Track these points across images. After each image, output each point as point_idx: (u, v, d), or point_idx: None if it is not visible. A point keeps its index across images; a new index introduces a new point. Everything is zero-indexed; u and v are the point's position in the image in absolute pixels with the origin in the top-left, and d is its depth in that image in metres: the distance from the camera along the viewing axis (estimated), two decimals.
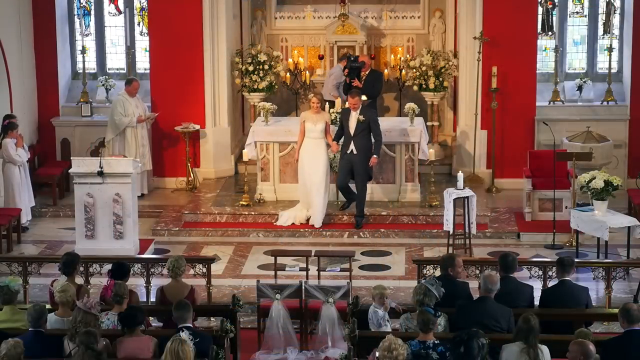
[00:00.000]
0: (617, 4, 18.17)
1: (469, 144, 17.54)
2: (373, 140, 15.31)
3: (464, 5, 17.44)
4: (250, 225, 15.73)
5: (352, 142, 15.27)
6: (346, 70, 17.36)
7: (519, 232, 15.49)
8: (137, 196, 14.90)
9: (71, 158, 15.17)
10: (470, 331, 8.40)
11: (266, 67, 17.85)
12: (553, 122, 16.68)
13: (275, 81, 18.08)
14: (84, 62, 18.40)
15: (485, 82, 17.21)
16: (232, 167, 18.11)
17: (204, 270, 12.73)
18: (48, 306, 10.11)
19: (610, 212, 14.21)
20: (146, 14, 18.35)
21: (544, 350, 8.79)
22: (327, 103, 16.84)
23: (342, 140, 15.49)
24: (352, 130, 15.25)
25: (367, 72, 17.41)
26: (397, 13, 18.61)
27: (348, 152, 15.32)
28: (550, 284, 11.92)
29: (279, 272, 13.24)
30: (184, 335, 8.79)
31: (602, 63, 18.37)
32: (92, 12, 18.88)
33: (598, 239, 14.05)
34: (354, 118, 15.23)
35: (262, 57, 17.84)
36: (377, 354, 8.29)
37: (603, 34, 18.38)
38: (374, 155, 15.28)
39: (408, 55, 18.30)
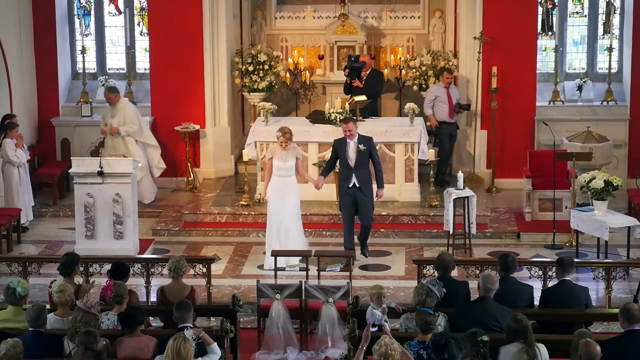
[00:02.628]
0: (617, 4, 18.17)
1: (469, 144, 17.54)
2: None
3: (464, 5, 17.45)
4: (250, 225, 15.72)
5: (353, 174, 14.06)
6: (346, 70, 17.36)
7: (519, 232, 15.49)
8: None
9: (71, 158, 15.17)
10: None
11: (266, 67, 17.85)
12: (553, 122, 16.70)
13: (275, 81, 18.08)
14: (84, 62, 18.40)
15: (485, 82, 17.21)
16: (232, 167, 18.11)
17: (204, 270, 12.74)
18: (48, 306, 10.11)
19: (610, 212, 14.21)
20: (146, 14, 18.35)
21: (542, 349, 8.79)
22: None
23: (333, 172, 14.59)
24: (352, 162, 14.06)
25: (368, 72, 17.41)
26: (397, 13, 18.60)
27: (350, 186, 14.07)
28: (550, 284, 11.92)
29: (279, 272, 13.24)
30: (187, 333, 8.81)
31: (602, 63, 18.36)
32: (92, 12, 18.88)
33: (598, 239, 14.06)
34: (352, 148, 14.05)
35: (262, 57, 17.84)
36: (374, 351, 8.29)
37: (603, 34, 18.38)
38: (380, 189, 14.22)
39: (408, 55, 18.29)
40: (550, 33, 18.46)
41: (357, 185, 14.04)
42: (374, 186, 14.30)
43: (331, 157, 14.55)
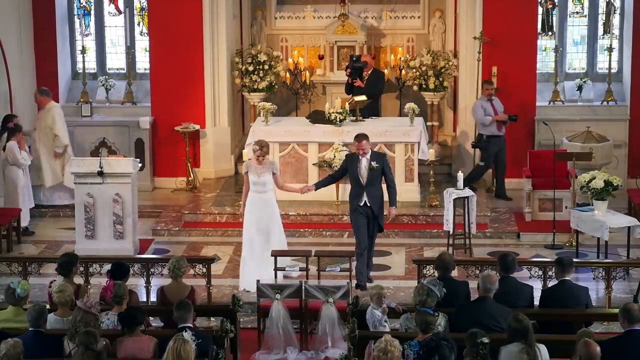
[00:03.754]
0: (617, 4, 18.17)
1: (469, 144, 17.54)
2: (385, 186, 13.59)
3: (464, 5, 17.45)
4: None
5: (364, 192, 13.32)
6: (348, 70, 17.36)
7: (519, 232, 15.49)
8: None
9: (71, 158, 15.17)
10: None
11: (266, 67, 17.85)
12: (553, 122, 16.69)
13: (275, 81, 18.08)
14: (84, 62, 18.40)
15: None
16: (232, 167, 18.11)
17: (204, 270, 12.74)
18: (47, 306, 10.10)
19: (610, 212, 14.21)
20: (146, 14, 18.35)
21: (542, 349, 8.79)
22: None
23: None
24: (363, 180, 13.31)
25: (369, 72, 17.41)
26: (397, 13, 18.61)
27: (361, 204, 13.33)
28: (550, 284, 11.92)
29: (278, 273, 13.25)
30: (186, 335, 8.81)
31: (602, 63, 18.37)
32: (92, 12, 18.88)
33: (598, 239, 14.06)
34: (364, 165, 13.30)
35: (262, 57, 17.84)
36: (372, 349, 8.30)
37: (603, 34, 18.39)
38: (393, 207, 13.51)
39: (408, 55, 18.29)
40: (550, 33, 18.46)
41: (369, 204, 13.34)
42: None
43: (337, 171, 14.08)
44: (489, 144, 16.75)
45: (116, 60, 19.02)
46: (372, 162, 13.28)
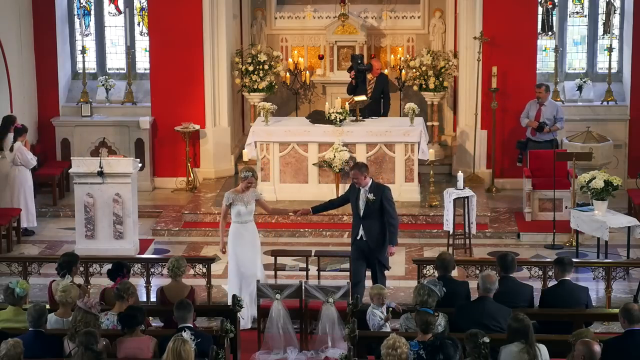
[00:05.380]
0: (617, 4, 18.18)
1: (469, 144, 17.54)
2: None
3: (464, 5, 17.45)
4: None
5: (361, 225, 12.24)
6: (352, 73, 17.28)
7: (519, 232, 15.49)
8: None
9: (71, 158, 15.18)
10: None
11: (266, 67, 17.85)
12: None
13: (275, 81, 18.08)
14: (84, 62, 18.40)
15: (485, 82, 17.21)
16: (232, 167, 18.11)
17: (204, 270, 12.74)
18: (47, 306, 10.10)
19: (610, 212, 14.21)
20: (146, 14, 18.35)
21: (542, 349, 8.79)
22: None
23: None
24: (360, 212, 12.23)
25: (375, 77, 17.33)
26: (397, 13, 18.61)
27: (358, 237, 12.30)
28: (550, 284, 11.92)
29: (279, 272, 13.24)
30: (186, 335, 8.80)
31: (602, 63, 18.37)
32: (92, 12, 18.88)
33: (598, 239, 14.06)
34: (362, 197, 12.22)
35: (262, 57, 17.84)
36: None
37: (603, 34, 18.39)
38: (391, 245, 12.27)
39: (408, 55, 18.30)
40: (550, 33, 18.46)
41: (364, 239, 12.25)
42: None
43: (338, 198, 13.37)
44: (526, 146, 16.73)
45: (116, 60, 19.02)
46: (368, 195, 12.14)
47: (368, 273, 12.44)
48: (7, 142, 15.57)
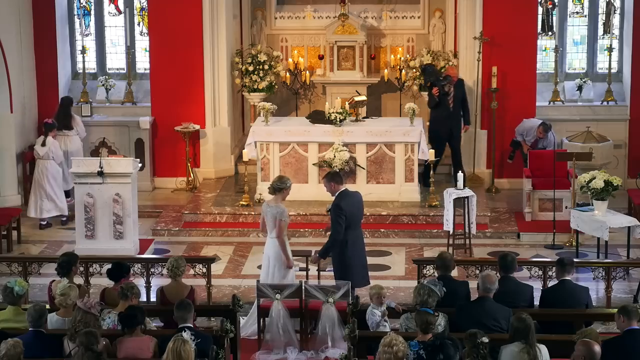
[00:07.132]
0: (617, 4, 18.18)
1: (469, 144, 17.54)
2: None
3: (464, 5, 17.45)
4: (250, 225, 15.71)
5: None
6: (435, 89, 16.78)
7: (519, 232, 15.49)
8: None
9: (71, 158, 15.17)
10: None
11: (266, 67, 17.85)
12: (553, 122, 16.70)
13: (275, 81, 18.08)
14: (84, 62, 18.40)
15: (485, 82, 17.21)
16: (232, 167, 18.11)
17: (204, 270, 12.74)
18: (47, 306, 10.10)
19: (610, 212, 14.21)
20: (146, 14, 18.35)
21: (543, 349, 8.79)
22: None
23: None
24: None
25: (453, 85, 16.91)
26: (397, 13, 18.61)
27: None
28: (550, 284, 11.92)
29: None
30: (186, 335, 8.80)
31: (602, 63, 18.37)
32: (92, 12, 18.88)
33: (598, 239, 14.06)
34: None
35: (262, 57, 17.85)
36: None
37: (603, 34, 18.39)
38: (314, 251, 12.45)
39: (408, 55, 18.29)
40: (550, 33, 18.46)
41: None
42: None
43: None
44: (520, 145, 16.98)
45: (116, 60, 19.02)
46: (328, 204, 12.27)
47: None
48: (76, 121, 16.61)
